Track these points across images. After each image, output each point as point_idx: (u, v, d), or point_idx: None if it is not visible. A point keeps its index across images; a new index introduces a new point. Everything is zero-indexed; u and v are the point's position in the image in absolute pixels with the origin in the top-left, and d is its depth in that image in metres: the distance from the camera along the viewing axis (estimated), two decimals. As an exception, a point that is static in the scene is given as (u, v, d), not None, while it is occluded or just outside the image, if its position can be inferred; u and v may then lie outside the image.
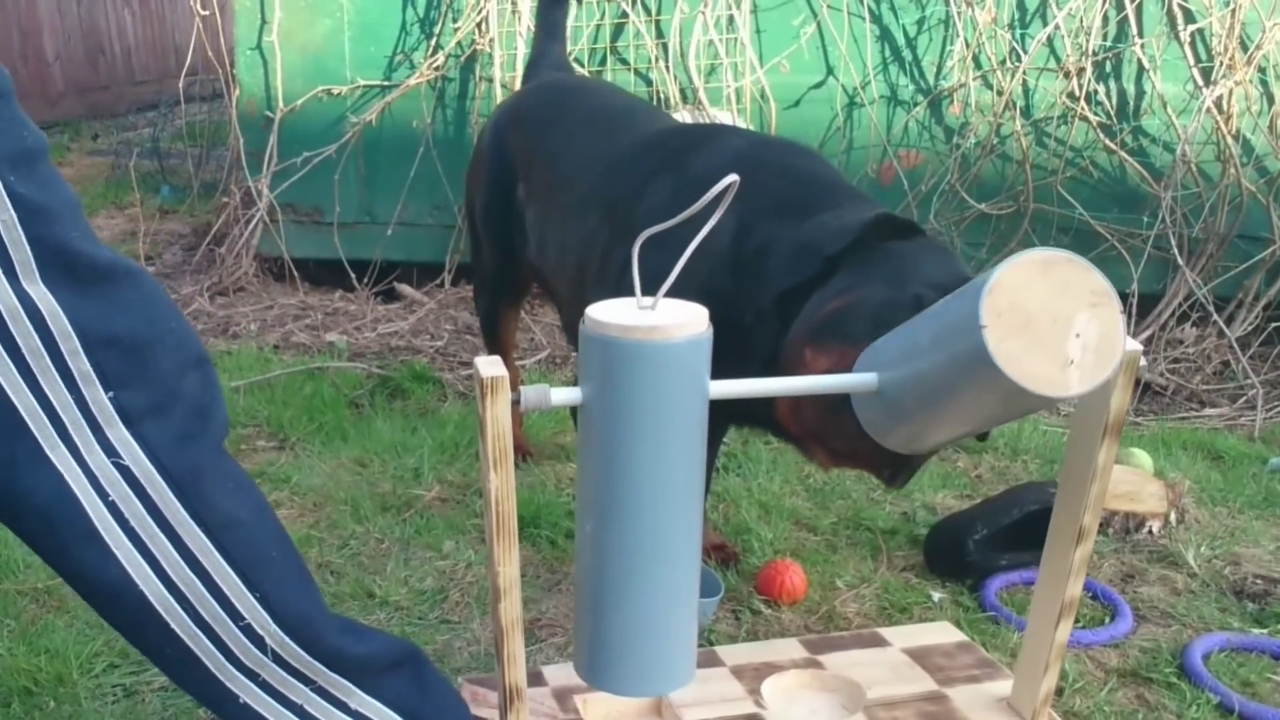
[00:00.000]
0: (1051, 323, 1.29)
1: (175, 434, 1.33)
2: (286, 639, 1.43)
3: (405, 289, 4.60)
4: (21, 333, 1.22)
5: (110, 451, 1.28)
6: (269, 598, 1.41)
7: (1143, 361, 1.64)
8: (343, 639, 1.50)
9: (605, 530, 1.43)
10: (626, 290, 1.41)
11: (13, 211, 1.19)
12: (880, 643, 2.13)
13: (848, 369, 1.62)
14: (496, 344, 3.04)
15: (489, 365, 1.44)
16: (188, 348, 1.37)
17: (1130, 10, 3.96)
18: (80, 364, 1.25)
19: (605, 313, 1.38)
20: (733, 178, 1.33)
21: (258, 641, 1.41)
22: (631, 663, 1.50)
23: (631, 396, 1.36)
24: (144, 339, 1.31)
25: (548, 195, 2.51)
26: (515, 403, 1.41)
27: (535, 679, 1.94)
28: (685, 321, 1.36)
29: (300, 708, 1.48)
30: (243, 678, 1.43)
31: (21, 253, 1.21)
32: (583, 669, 1.55)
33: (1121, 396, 1.62)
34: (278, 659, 1.44)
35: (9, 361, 1.22)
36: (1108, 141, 4.01)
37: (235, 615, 1.39)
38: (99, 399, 1.27)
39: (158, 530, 1.32)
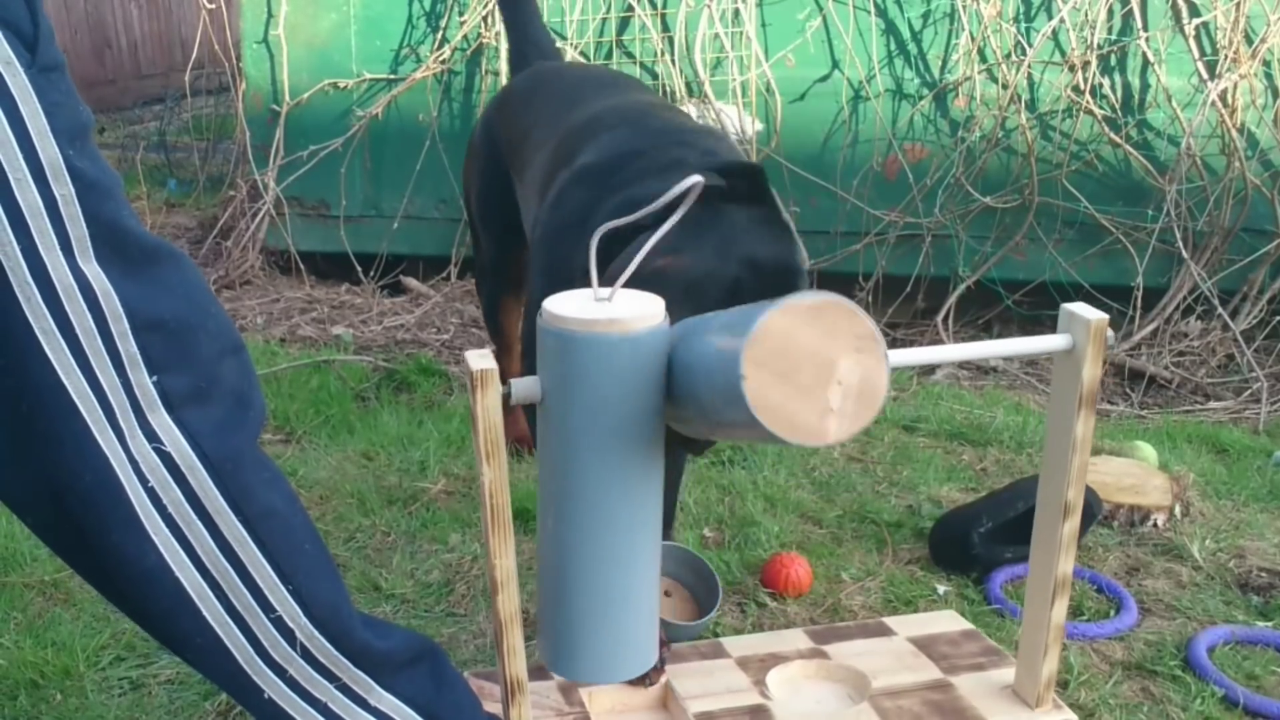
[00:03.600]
0: (814, 369, 1.21)
1: (216, 422, 1.33)
2: (316, 632, 1.44)
3: (411, 282, 4.61)
4: (76, 312, 1.22)
5: (152, 437, 1.28)
6: (301, 590, 1.41)
7: (1109, 334, 1.64)
8: (367, 634, 1.51)
9: (565, 525, 1.44)
10: (559, 282, 1.40)
11: (71, 186, 1.19)
12: (885, 632, 2.14)
13: None
14: (500, 335, 3.01)
15: (479, 359, 1.44)
16: (226, 334, 1.37)
17: (1135, 4, 3.95)
18: (128, 346, 1.25)
19: (562, 306, 1.38)
20: (695, 179, 1.35)
21: (287, 635, 1.42)
22: (592, 652, 1.52)
23: (591, 389, 1.37)
24: (188, 323, 1.31)
25: (523, 170, 2.49)
26: (506, 397, 1.42)
27: (540, 673, 1.94)
28: (643, 314, 1.36)
29: (324, 705, 1.48)
30: (270, 673, 1.43)
31: (78, 229, 1.21)
32: (547, 657, 1.57)
33: (1093, 368, 1.65)
34: (306, 654, 1.44)
35: (62, 342, 1.22)
36: (1112, 135, 4.01)
37: (267, 607, 1.39)
38: (143, 383, 1.27)
39: (195, 518, 1.32)
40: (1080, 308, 1.66)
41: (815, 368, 1.21)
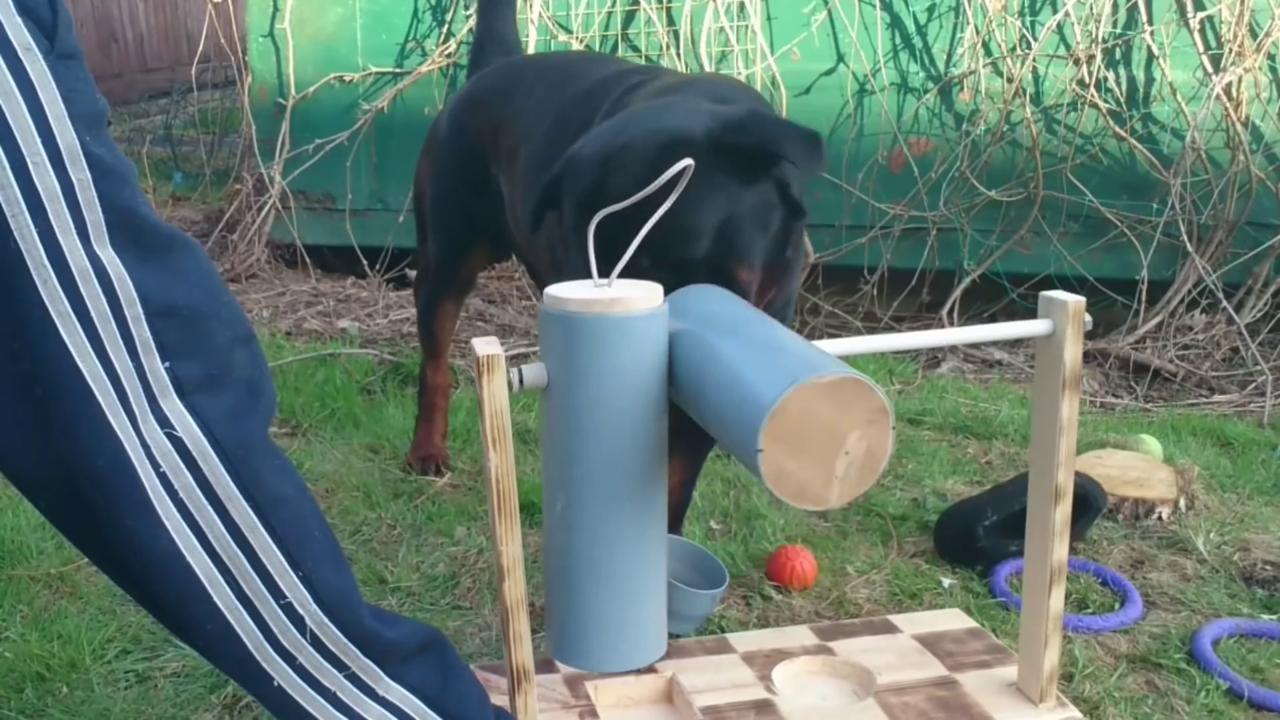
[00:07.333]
0: (826, 441, 1.28)
1: (228, 408, 1.34)
2: (325, 619, 1.44)
3: (416, 276, 4.61)
4: (91, 296, 1.22)
5: (164, 422, 1.29)
6: (310, 577, 1.42)
7: (1087, 317, 1.67)
8: (375, 623, 1.51)
9: (576, 506, 1.46)
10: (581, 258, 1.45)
11: (88, 171, 1.20)
12: (891, 629, 2.14)
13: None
14: (432, 340, 2.92)
15: (486, 345, 1.47)
16: (238, 323, 1.38)
17: (1141, -3, 3.96)
18: (142, 332, 1.26)
19: (564, 290, 1.42)
20: (686, 163, 1.39)
21: (297, 621, 1.42)
22: (602, 638, 1.52)
23: (594, 371, 1.40)
24: (201, 311, 1.31)
25: (511, 158, 2.46)
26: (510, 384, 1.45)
27: (547, 666, 1.95)
28: (643, 295, 1.40)
29: (333, 694, 1.48)
30: (280, 660, 1.43)
31: (95, 214, 1.21)
32: (555, 647, 1.58)
33: (1074, 349, 1.67)
34: (315, 641, 1.44)
35: (78, 325, 1.22)
36: (1117, 129, 4.01)
37: (277, 593, 1.40)
38: (156, 368, 1.28)
39: (206, 503, 1.33)
40: (1058, 294, 1.69)
41: (827, 440, 1.28)
